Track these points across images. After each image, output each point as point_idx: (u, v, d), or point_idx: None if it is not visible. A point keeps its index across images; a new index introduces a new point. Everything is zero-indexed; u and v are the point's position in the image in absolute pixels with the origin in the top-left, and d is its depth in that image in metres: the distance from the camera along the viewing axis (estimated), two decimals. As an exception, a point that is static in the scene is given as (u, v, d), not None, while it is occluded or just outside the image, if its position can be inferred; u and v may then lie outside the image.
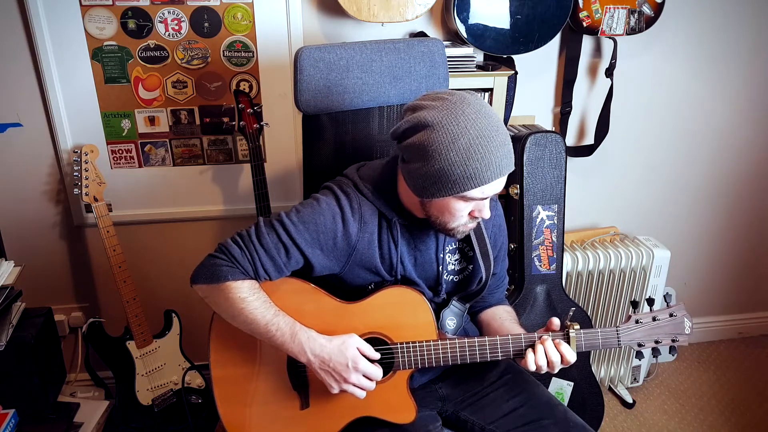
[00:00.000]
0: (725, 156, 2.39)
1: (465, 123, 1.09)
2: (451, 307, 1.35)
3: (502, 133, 1.12)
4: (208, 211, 2.09)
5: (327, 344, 1.21)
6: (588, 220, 2.41)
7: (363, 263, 1.28)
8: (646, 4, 1.95)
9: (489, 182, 1.12)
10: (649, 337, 1.27)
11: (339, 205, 1.25)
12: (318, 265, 1.26)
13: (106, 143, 1.96)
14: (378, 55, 1.52)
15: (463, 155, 1.09)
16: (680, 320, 1.27)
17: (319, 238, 1.24)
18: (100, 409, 1.94)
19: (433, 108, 1.12)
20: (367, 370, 1.22)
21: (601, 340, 1.26)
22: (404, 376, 1.29)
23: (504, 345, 1.26)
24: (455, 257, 1.37)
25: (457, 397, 1.42)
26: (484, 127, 1.10)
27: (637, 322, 1.26)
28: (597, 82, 2.18)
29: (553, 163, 1.91)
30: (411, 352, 1.26)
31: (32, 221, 2.03)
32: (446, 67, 1.58)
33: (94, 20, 1.82)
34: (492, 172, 1.11)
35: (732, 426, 2.23)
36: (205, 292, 1.24)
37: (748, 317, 2.73)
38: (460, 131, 1.09)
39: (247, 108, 1.79)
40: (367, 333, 1.28)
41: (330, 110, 1.52)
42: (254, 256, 1.21)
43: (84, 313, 2.19)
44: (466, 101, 1.12)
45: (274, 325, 1.21)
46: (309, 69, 1.46)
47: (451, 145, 1.09)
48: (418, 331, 1.27)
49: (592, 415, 2.07)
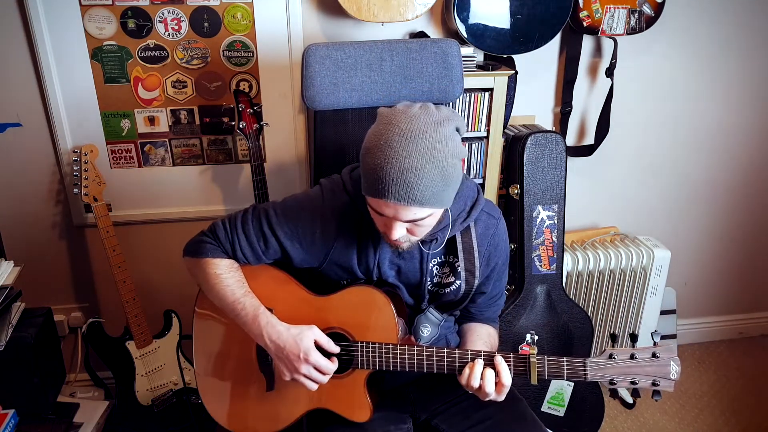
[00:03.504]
0: (725, 156, 2.39)
1: (393, 134, 1.06)
2: (426, 315, 1.34)
3: (413, 162, 1.04)
4: (208, 211, 2.09)
5: (284, 332, 1.24)
6: (588, 220, 2.40)
7: (340, 262, 1.30)
8: (646, 3, 1.95)
9: (377, 197, 1.08)
10: (623, 376, 1.14)
11: (322, 204, 1.27)
12: (296, 257, 1.30)
13: (105, 143, 1.96)
14: (389, 54, 1.54)
15: (369, 159, 1.07)
16: (665, 362, 1.12)
17: (298, 232, 1.28)
18: (100, 410, 1.94)
19: (395, 109, 1.11)
20: (319, 362, 1.23)
21: (566, 370, 1.17)
22: (362, 375, 1.30)
23: (462, 358, 1.22)
24: (443, 270, 1.34)
25: (430, 405, 1.41)
26: (397, 148, 1.05)
27: (610, 357, 1.14)
28: (597, 82, 2.17)
29: (553, 163, 1.91)
30: (370, 353, 1.27)
31: (32, 221, 2.03)
32: (461, 69, 1.58)
33: (93, 20, 1.82)
34: (384, 189, 1.06)
35: (732, 426, 2.23)
36: (190, 264, 1.36)
37: (748, 317, 2.73)
38: (382, 136, 1.06)
39: (247, 108, 1.79)
40: (333, 327, 1.30)
41: (337, 107, 1.56)
42: (235, 240, 1.30)
43: (84, 313, 2.19)
44: (417, 119, 1.07)
45: (240, 304, 1.27)
46: (315, 65, 1.50)
47: (370, 140, 1.09)
48: (381, 333, 1.28)
49: (592, 415, 2.08)
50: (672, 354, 1.13)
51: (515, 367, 1.20)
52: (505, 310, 1.93)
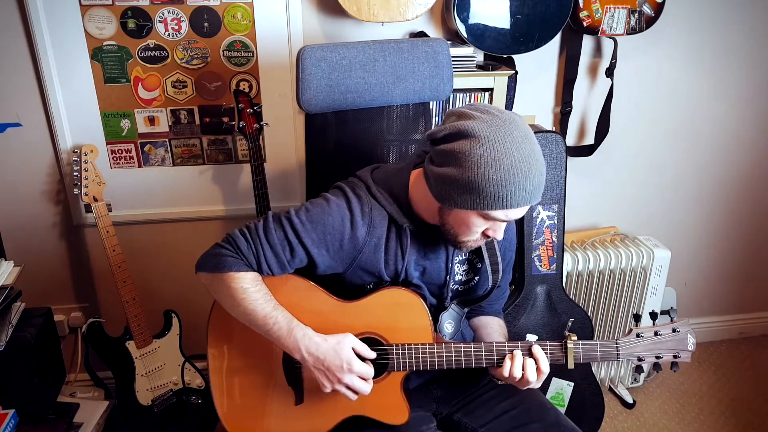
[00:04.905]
0: (726, 156, 2.39)
1: (512, 144, 1.08)
2: (449, 311, 1.35)
3: (540, 163, 1.11)
4: (208, 211, 2.09)
5: (322, 343, 1.21)
6: (588, 220, 2.40)
7: (367, 267, 1.28)
8: (646, 3, 1.95)
9: (518, 207, 1.11)
10: (649, 352, 1.24)
11: (349, 207, 1.25)
12: (322, 264, 1.26)
13: (105, 143, 1.96)
14: (381, 54, 1.52)
15: (503, 175, 1.07)
16: (683, 336, 1.24)
17: (326, 238, 1.24)
18: (100, 410, 1.94)
19: (482, 120, 1.10)
20: (362, 370, 1.21)
21: (600, 352, 1.25)
22: (398, 377, 1.29)
23: (500, 350, 1.25)
24: (464, 268, 1.36)
25: (452, 398, 1.42)
26: (528, 154, 1.08)
27: (638, 336, 1.24)
28: (597, 82, 2.17)
29: (553, 163, 1.91)
30: (406, 354, 1.26)
31: (32, 221, 2.03)
32: (451, 68, 1.58)
33: (93, 20, 1.82)
34: (523, 198, 1.10)
35: (732, 426, 2.23)
36: (208, 279, 1.25)
37: (748, 317, 2.73)
38: (505, 151, 1.07)
39: (247, 108, 1.79)
40: (363, 333, 1.28)
41: (332, 109, 1.53)
42: (259, 251, 1.22)
43: (84, 313, 2.19)
44: (515, 123, 1.11)
45: (272, 319, 1.21)
46: (311, 68, 1.47)
47: (494, 162, 1.07)
48: (414, 334, 1.27)
49: (592, 415, 2.07)
50: (688, 327, 1.25)
51: (552, 354, 1.24)
52: (505, 310, 1.93)
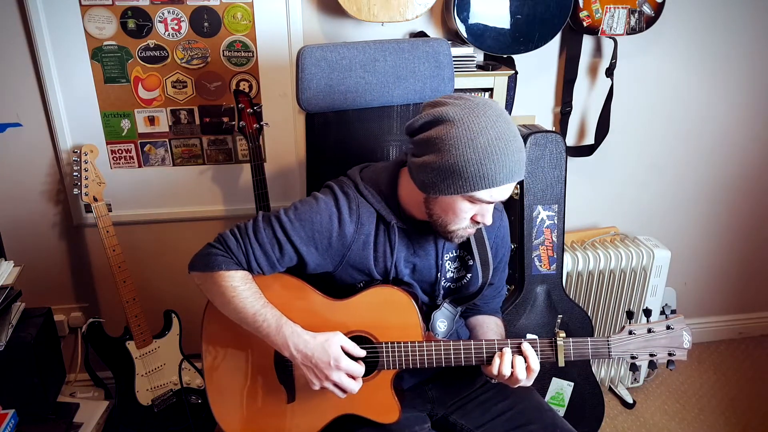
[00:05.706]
0: (726, 156, 2.39)
1: (485, 123, 1.09)
2: (442, 309, 1.35)
3: (518, 140, 1.12)
4: (208, 211, 2.09)
5: (311, 341, 1.22)
6: (588, 220, 2.40)
7: (356, 264, 1.29)
8: (646, 3, 1.95)
9: (500, 185, 1.12)
10: (643, 350, 1.22)
11: (337, 205, 1.26)
12: (312, 263, 1.27)
13: (105, 143, 1.96)
14: (381, 54, 1.52)
15: (480, 154, 1.08)
16: (678, 333, 1.22)
17: (314, 236, 1.25)
18: (100, 410, 1.94)
19: (455, 105, 1.12)
20: (350, 368, 1.22)
21: (591, 350, 1.23)
22: (388, 376, 1.29)
23: (490, 348, 1.24)
24: (455, 265, 1.36)
25: (447, 399, 1.41)
26: (503, 131, 1.10)
27: (630, 333, 1.22)
28: (597, 82, 2.17)
29: (553, 163, 1.91)
30: (396, 353, 1.26)
31: (32, 221, 2.03)
32: (452, 68, 1.58)
33: (93, 20, 1.82)
34: (504, 175, 1.11)
35: (732, 426, 2.23)
36: (200, 279, 1.28)
37: (748, 317, 2.73)
38: (480, 130, 1.08)
39: (247, 108, 1.79)
40: (353, 331, 1.29)
41: (332, 109, 1.53)
42: (248, 250, 1.24)
43: (84, 313, 2.19)
44: (488, 104, 1.13)
45: (261, 316, 1.23)
46: (311, 68, 1.47)
47: (470, 143, 1.08)
48: (404, 332, 1.27)
49: (592, 416, 2.07)
50: (683, 325, 1.21)
51: (542, 351, 1.23)
52: (505, 310, 1.93)
